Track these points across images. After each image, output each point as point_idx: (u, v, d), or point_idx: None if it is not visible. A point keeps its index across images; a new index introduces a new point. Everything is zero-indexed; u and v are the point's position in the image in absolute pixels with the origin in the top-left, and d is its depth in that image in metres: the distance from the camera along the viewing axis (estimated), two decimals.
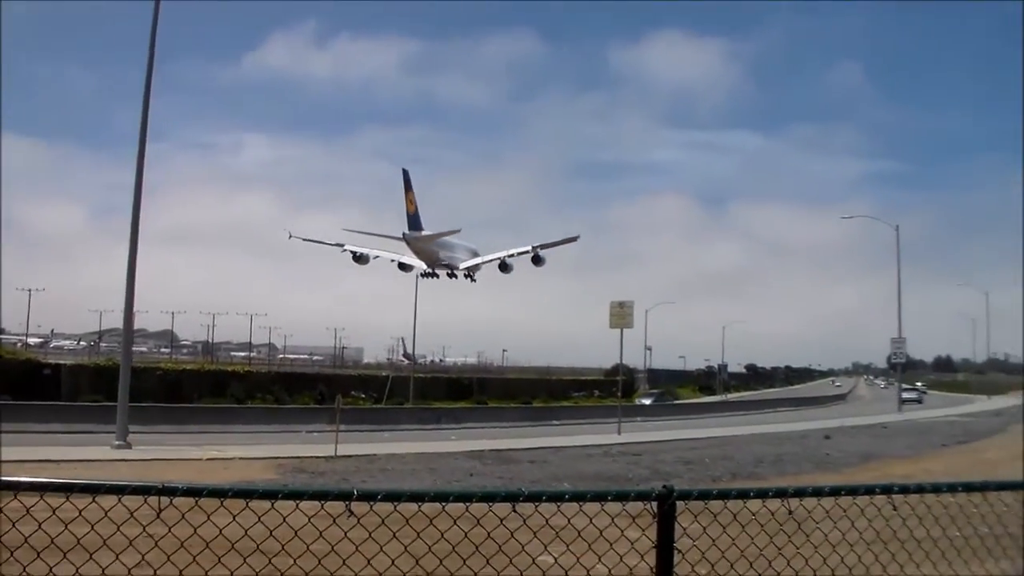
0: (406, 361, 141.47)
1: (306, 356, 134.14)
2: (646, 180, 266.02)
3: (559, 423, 49.97)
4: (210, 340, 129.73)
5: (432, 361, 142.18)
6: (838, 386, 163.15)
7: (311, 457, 25.01)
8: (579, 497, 4.75)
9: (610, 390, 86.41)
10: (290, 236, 65.07)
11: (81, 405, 40.51)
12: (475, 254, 66.63)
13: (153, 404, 41.53)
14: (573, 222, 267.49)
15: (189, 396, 52.97)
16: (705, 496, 4.81)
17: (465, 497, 4.58)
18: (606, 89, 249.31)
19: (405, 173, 63.73)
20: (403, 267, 65.41)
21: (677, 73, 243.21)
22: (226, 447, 28.02)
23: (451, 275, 66.14)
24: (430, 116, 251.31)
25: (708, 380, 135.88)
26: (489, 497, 4.66)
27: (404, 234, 62.15)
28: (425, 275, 66.44)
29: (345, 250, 63.55)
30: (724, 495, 4.90)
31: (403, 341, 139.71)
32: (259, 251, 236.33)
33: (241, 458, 24.37)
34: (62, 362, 59.18)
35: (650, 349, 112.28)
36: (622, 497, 4.74)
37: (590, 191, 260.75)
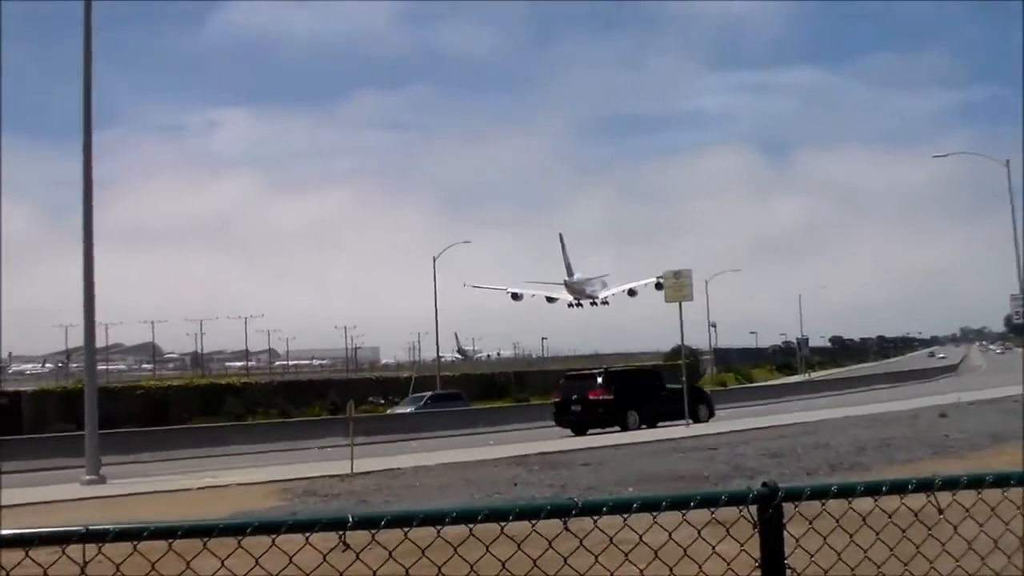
0: (461, 356, 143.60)
1: (308, 361, 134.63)
2: (691, 132, 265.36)
3: None
4: (199, 350, 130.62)
5: (488, 356, 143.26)
6: (941, 357, 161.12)
7: (324, 477, 25.00)
8: (652, 505, 4.14)
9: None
10: (464, 285, 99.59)
11: (47, 437, 40.47)
12: (605, 284, 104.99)
13: (135, 429, 41.42)
14: (605, 186, 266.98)
15: (177, 416, 53.22)
16: (821, 494, 4.18)
17: (499, 515, 4.01)
18: (636, 28, 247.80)
19: (560, 236, 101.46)
20: (550, 300, 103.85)
21: (720, 3, 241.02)
22: (223, 472, 28.10)
23: (593, 303, 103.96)
24: (431, 74, 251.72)
25: (786, 358, 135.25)
26: (531, 513, 4.07)
27: (565, 281, 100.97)
28: (571, 305, 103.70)
29: (507, 292, 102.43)
30: (847, 492, 4.24)
31: (456, 336, 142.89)
32: (246, 244, 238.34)
33: (240, 484, 24.34)
34: (23, 389, 59.30)
35: (715, 326, 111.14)
36: (710, 502, 4.14)
37: (624, 149, 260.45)
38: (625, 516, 4.06)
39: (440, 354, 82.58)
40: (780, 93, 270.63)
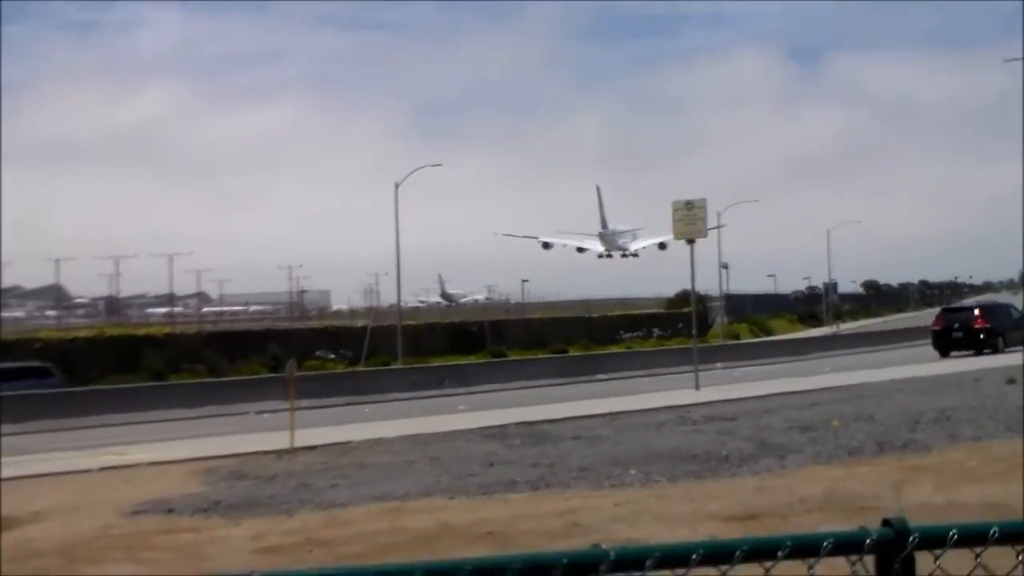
0: (445, 302, 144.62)
1: (245, 307, 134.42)
2: (707, 34, 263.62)
3: (608, 377, 50.29)
4: (114, 294, 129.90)
5: (476, 300, 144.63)
6: None
7: (257, 453, 24.66)
8: (720, 555, 3.30)
9: (676, 326, 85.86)
10: (495, 234, 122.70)
11: None
12: (636, 237, 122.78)
13: (29, 392, 40.48)
14: (604, 99, 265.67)
15: (84, 375, 52.82)
16: (975, 539, 3.34)
17: (491, 571, 3.20)
18: None
19: (598, 189, 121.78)
20: (580, 250, 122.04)
21: None
22: (135, 447, 27.67)
23: (624, 255, 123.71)
24: None
25: (811, 306, 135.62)
26: (538, 568, 3.24)
27: (600, 233, 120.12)
28: (601, 256, 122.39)
29: (539, 240, 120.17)
30: (1014, 535, 3.37)
31: (440, 278, 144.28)
32: (172, 166, 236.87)
33: (152, 462, 23.84)
34: None
35: (726, 267, 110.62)
36: (806, 551, 3.33)
37: (627, 54, 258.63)
38: (680, 574, 3.25)
39: (407, 299, 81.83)
40: None
